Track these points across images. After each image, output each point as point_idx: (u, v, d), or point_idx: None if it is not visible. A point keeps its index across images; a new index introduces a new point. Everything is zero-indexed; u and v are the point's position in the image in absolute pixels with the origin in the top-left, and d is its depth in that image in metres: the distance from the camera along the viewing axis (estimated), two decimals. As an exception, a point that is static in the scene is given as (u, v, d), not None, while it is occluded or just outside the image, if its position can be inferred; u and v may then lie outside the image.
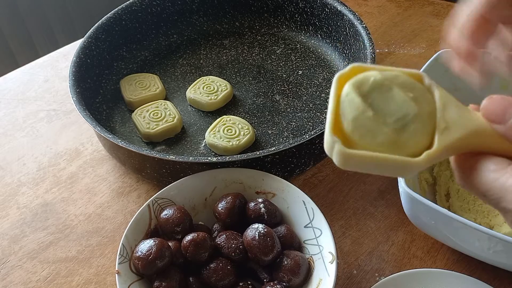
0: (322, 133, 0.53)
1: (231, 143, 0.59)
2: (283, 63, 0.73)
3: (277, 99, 0.68)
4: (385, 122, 0.26)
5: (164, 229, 0.48)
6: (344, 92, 0.26)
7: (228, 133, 0.60)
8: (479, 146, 0.27)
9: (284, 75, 0.71)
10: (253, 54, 0.75)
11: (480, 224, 0.41)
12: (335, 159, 0.26)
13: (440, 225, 0.44)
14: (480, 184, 0.26)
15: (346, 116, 0.26)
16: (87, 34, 0.68)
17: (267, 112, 0.66)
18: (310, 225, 0.48)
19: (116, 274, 0.43)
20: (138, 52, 0.75)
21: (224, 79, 0.69)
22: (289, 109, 0.66)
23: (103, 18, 0.70)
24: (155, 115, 0.63)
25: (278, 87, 0.69)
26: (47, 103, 0.72)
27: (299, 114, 0.65)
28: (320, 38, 0.75)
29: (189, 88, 0.68)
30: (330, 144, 0.26)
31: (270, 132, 0.63)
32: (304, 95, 0.68)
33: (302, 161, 0.56)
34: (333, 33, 0.72)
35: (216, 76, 0.70)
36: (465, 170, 0.27)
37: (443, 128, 0.26)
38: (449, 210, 0.44)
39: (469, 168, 0.26)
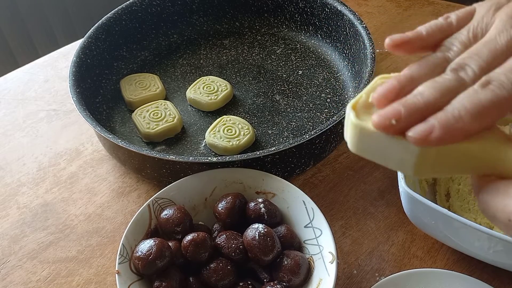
0: (322, 133, 0.53)
1: (231, 143, 0.59)
2: (283, 63, 0.73)
3: (277, 99, 0.68)
4: None
5: (164, 229, 0.48)
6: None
7: (228, 133, 0.60)
8: (498, 166, 0.26)
9: (284, 75, 0.71)
10: (253, 54, 0.75)
11: (480, 224, 0.41)
12: (349, 135, 0.28)
13: (440, 225, 0.44)
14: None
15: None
16: (87, 34, 0.68)
17: (267, 112, 0.66)
18: (310, 225, 0.48)
19: (116, 274, 0.43)
20: (138, 52, 0.75)
21: (224, 79, 0.69)
22: (289, 109, 0.66)
23: (103, 18, 0.70)
24: (155, 115, 0.63)
25: (278, 87, 0.69)
26: (47, 103, 0.72)
27: (299, 114, 0.65)
28: (320, 38, 0.75)
29: (189, 88, 0.68)
30: (346, 119, 0.28)
31: (270, 132, 0.63)
32: (304, 95, 0.68)
33: (302, 161, 0.56)
34: (333, 33, 0.72)
35: (216, 76, 0.70)
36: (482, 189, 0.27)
37: None
38: (449, 210, 0.44)
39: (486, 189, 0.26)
